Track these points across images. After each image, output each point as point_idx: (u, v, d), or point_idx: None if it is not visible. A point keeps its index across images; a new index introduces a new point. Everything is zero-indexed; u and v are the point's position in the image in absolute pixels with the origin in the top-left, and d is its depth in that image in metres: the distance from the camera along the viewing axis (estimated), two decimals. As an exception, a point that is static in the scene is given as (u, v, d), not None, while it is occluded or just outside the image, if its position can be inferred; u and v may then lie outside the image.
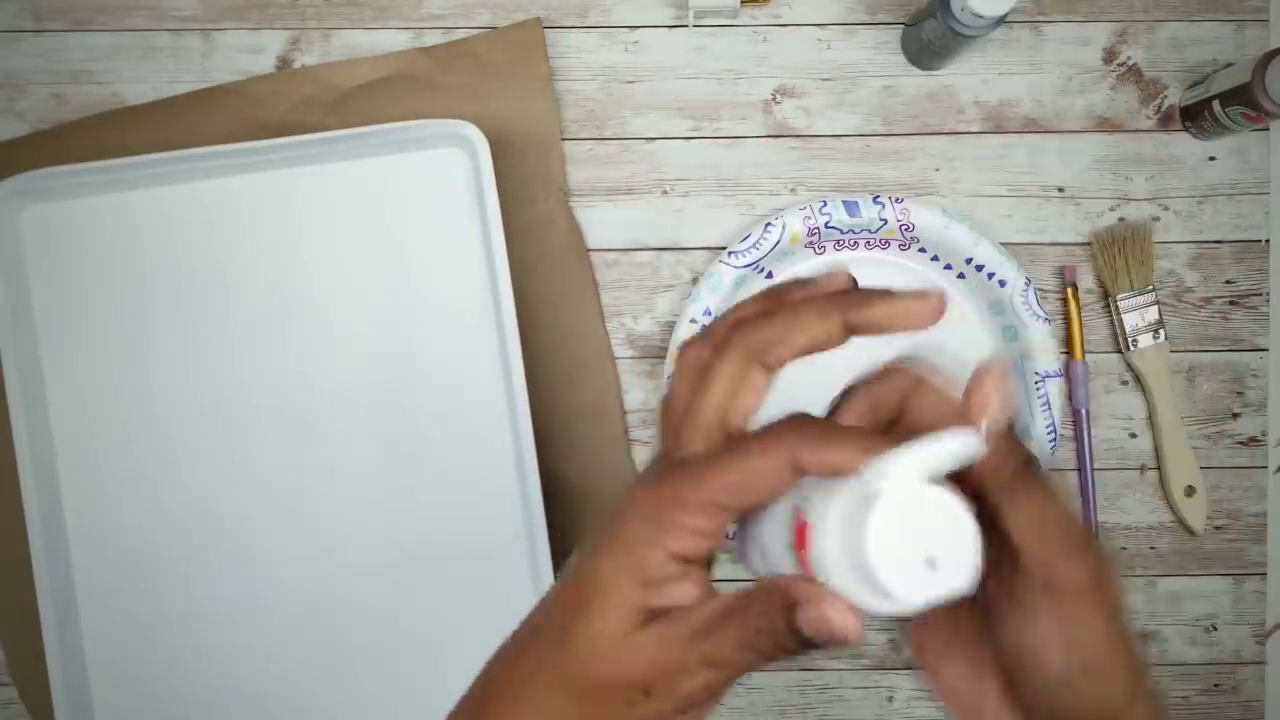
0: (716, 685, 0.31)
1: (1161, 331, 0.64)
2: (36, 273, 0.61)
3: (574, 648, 0.32)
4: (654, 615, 0.31)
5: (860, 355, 0.40)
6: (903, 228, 0.61)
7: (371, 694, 0.61)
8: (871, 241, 0.63)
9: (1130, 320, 0.64)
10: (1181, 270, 0.65)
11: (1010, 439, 0.30)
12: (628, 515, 0.32)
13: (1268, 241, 0.65)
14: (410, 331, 0.61)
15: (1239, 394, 0.65)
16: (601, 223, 0.64)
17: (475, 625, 0.60)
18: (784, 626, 0.29)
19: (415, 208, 0.61)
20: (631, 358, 0.65)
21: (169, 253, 0.61)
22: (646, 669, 0.31)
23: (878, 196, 0.61)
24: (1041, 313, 0.62)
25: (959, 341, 0.64)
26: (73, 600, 0.59)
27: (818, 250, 0.63)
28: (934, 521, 0.25)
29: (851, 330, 0.31)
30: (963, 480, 0.30)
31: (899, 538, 0.24)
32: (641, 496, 0.32)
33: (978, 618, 0.34)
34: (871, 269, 0.64)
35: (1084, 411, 0.64)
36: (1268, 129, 0.65)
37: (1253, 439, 0.65)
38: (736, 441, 0.32)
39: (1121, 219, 0.65)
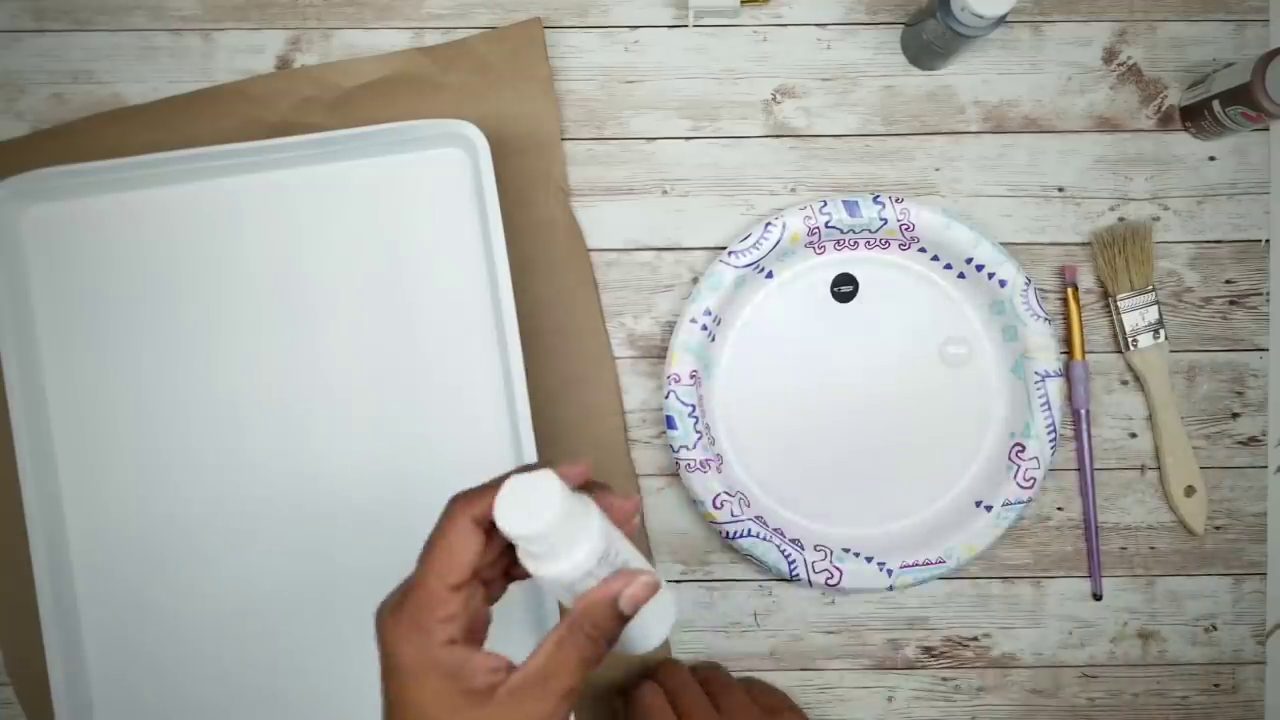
0: (572, 705, 0.39)
1: (1161, 331, 0.64)
2: (36, 273, 0.61)
3: None
4: (482, 694, 0.37)
5: (859, 354, 0.40)
6: (903, 227, 0.61)
7: (372, 693, 0.61)
8: (871, 241, 0.63)
9: (1130, 320, 0.64)
10: (1181, 270, 0.65)
11: None
12: (399, 651, 0.38)
13: (1268, 241, 0.65)
14: (410, 331, 0.61)
15: (1239, 394, 0.65)
16: (601, 223, 0.64)
17: (475, 625, 0.60)
18: (612, 618, 0.39)
19: (415, 208, 0.61)
20: (631, 358, 0.65)
21: (169, 253, 0.61)
22: None
23: (878, 196, 0.61)
24: (1041, 313, 0.62)
25: (959, 342, 0.64)
26: (73, 600, 0.59)
27: (818, 250, 0.63)
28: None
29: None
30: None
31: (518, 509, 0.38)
32: (394, 626, 0.39)
33: None
34: (872, 269, 0.64)
35: (1084, 411, 0.64)
36: (1268, 129, 0.65)
37: (1253, 439, 0.65)
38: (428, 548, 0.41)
39: (1121, 219, 0.65)
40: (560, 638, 0.39)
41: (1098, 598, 0.65)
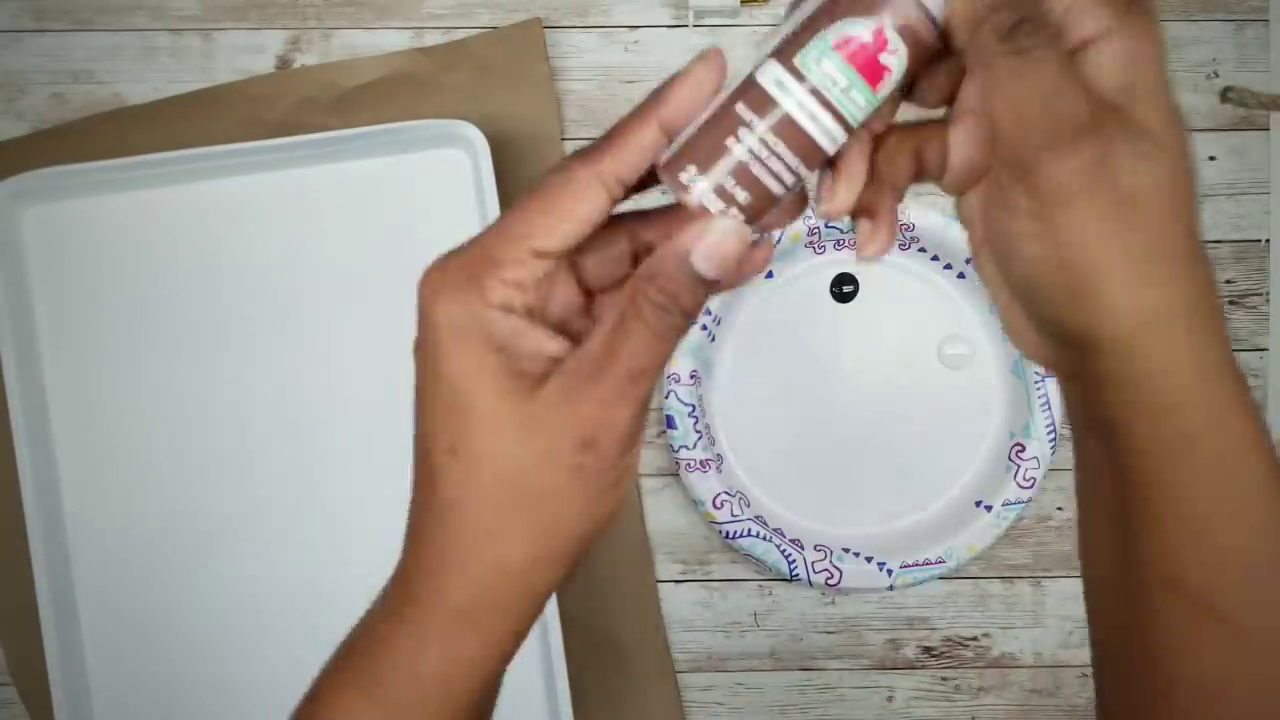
0: (645, 399, 0.28)
1: (1161, 331, 0.64)
2: (36, 273, 0.61)
3: (479, 457, 0.28)
4: (533, 380, 0.28)
5: (859, 354, 0.40)
6: (903, 227, 0.61)
7: (371, 694, 0.61)
8: (871, 241, 0.63)
9: (1130, 320, 0.64)
10: (1181, 270, 0.65)
11: None
12: (442, 312, 0.29)
13: (1268, 241, 0.65)
14: (410, 331, 0.61)
15: (1239, 394, 0.65)
16: (601, 223, 0.64)
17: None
18: (687, 282, 0.27)
19: (415, 208, 0.61)
20: (631, 358, 0.64)
21: (169, 253, 0.61)
22: (572, 425, 0.27)
23: (878, 196, 0.61)
24: (1041, 313, 0.62)
25: (959, 342, 0.64)
26: (73, 600, 0.59)
27: (818, 250, 0.63)
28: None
29: (667, 129, 0.28)
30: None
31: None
32: (440, 284, 0.29)
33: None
34: (872, 269, 0.64)
35: (1084, 411, 0.64)
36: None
37: (1253, 439, 0.65)
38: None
39: (1121, 219, 0.65)
40: (623, 309, 0.28)
41: (1098, 598, 0.65)
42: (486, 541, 0.29)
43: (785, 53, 0.27)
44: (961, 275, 0.63)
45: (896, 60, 0.27)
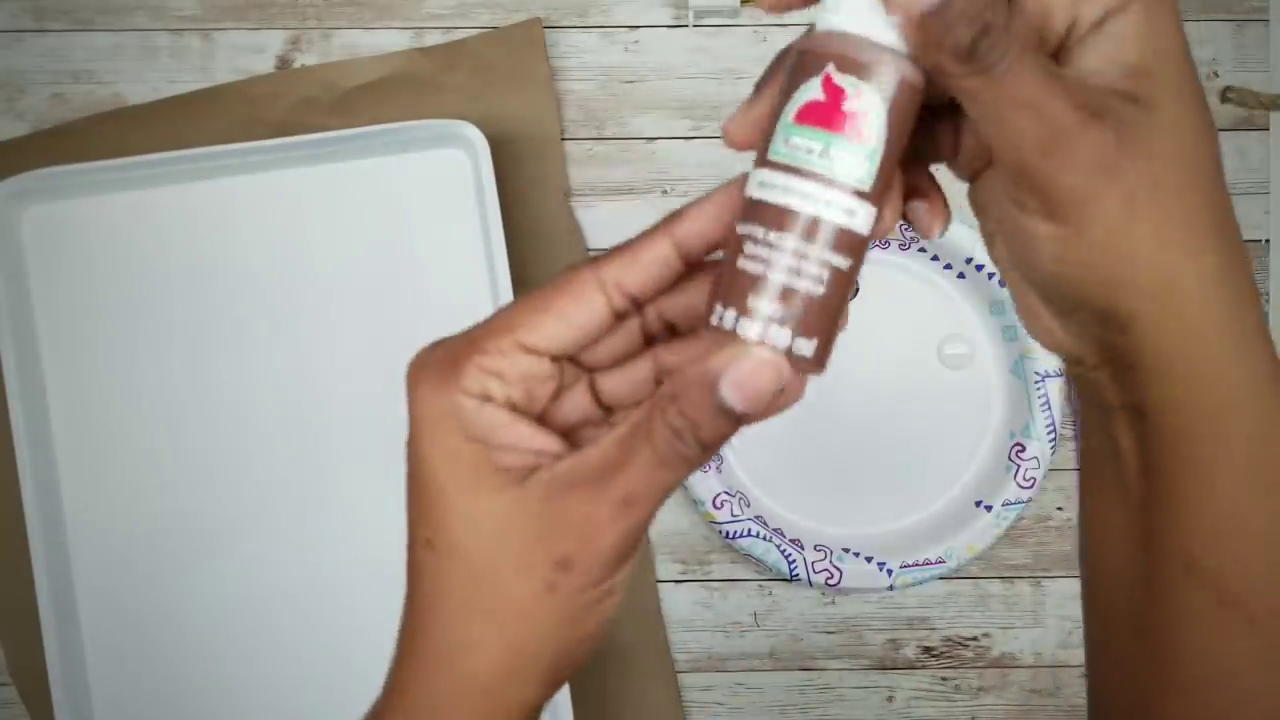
0: (638, 528, 0.26)
1: (1161, 331, 0.64)
2: (36, 273, 0.61)
3: (452, 554, 0.27)
4: (513, 478, 0.26)
5: (859, 354, 0.40)
6: (903, 227, 0.61)
7: (372, 693, 0.61)
8: (871, 241, 0.63)
9: (1130, 320, 0.64)
10: (1181, 270, 0.65)
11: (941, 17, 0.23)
12: (422, 397, 0.28)
13: (1268, 241, 0.65)
14: (410, 332, 0.61)
15: (1239, 394, 0.65)
16: (601, 223, 0.64)
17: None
18: (710, 411, 0.24)
19: (415, 208, 0.61)
20: (631, 358, 0.64)
21: (169, 253, 0.61)
22: (550, 539, 0.26)
23: (878, 196, 0.61)
24: (1041, 313, 0.62)
25: (959, 342, 0.64)
26: (73, 600, 0.59)
27: (818, 250, 0.63)
28: None
29: (681, 246, 0.27)
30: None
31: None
32: (423, 370, 0.28)
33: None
34: (870, 269, 0.64)
35: (1084, 411, 0.64)
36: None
37: (1253, 439, 0.65)
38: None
39: (1121, 219, 0.65)
40: (635, 423, 0.25)
41: (1098, 598, 0.65)
42: (459, 652, 0.28)
43: (760, 153, 0.26)
44: (961, 275, 0.63)
45: (865, 101, 0.24)
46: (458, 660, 0.28)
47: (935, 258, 0.63)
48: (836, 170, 0.24)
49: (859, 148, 0.24)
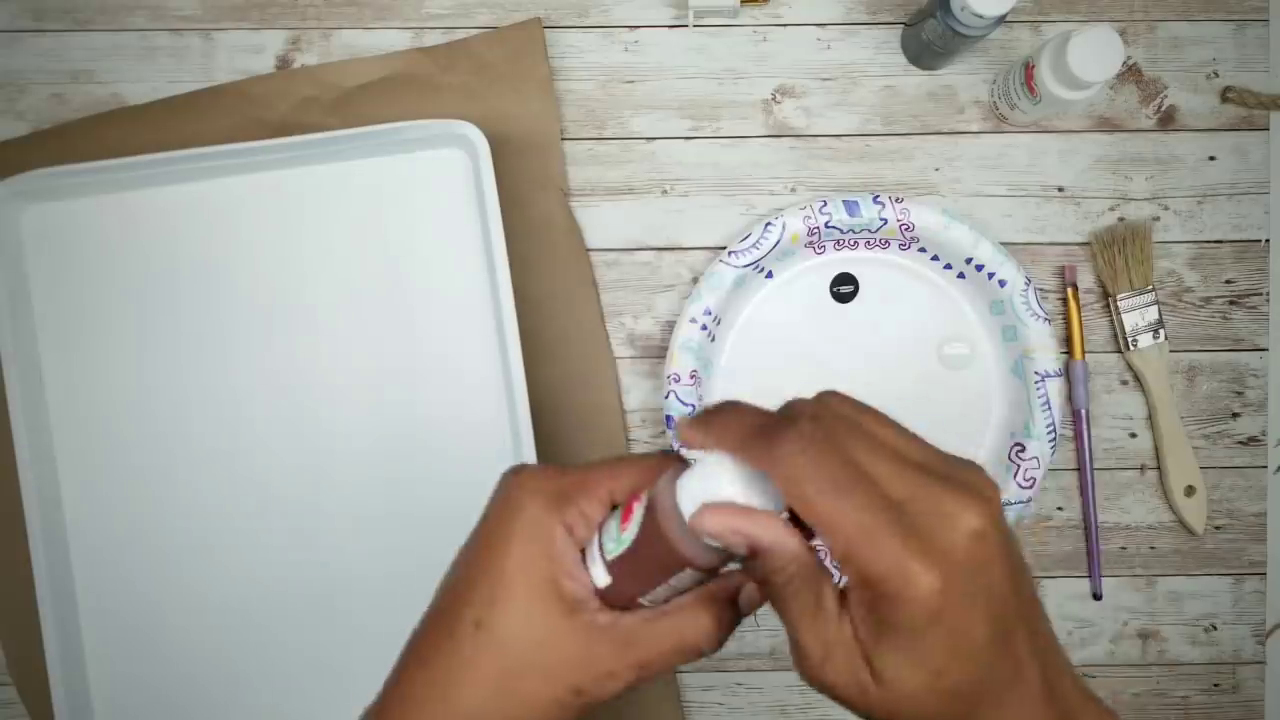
0: (642, 684, 0.32)
1: (1161, 331, 0.64)
2: (36, 273, 0.61)
3: (495, 643, 0.31)
4: (574, 605, 0.31)
5: (859, 354, 0.40)
6: (903, 227, 0.61)
7: (371, 693, 0.61)
8: (871, 241, 0.63)
9: (1130, 320, 0.64)
10: (1181, 270, 0.65)
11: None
12: (526, 501, 0.32)
13: (1268, 241, 0.65)
14: (410, 332, 0.61)
15: (1239, 394, 0.65)
16: (601, 223, 0.64)
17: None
18: (729, 619, 0.32)
19: (415, 208, 0.61)
20: (631, 358, 0.65)
21: (169, 253, 0.61)
22: (576, 669, 0.31)
23: (878, 196, 0.61)
24: (1041, 312, 0.62)
25: (959, 342, 0.64)
26: (73, 600, 0.59)
27: (818, 250, 0.63)
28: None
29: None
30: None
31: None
32: (536, 483, 0.33)
33: None
34: (871, 269, 0.64)
35: (1084, 411, 0.64)
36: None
37: (1253, 439, 0.65)
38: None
39: (1121, 219, 0.65)
40: (666, 613, 0.32)
41: (1098, 597, 0.65)
42: (468, 717, 0.32)
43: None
44: (961, 275, 0.63)
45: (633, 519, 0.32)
46: None
47: (935, 258, 0.63)
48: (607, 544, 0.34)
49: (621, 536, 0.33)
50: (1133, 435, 0.65)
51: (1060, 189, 0.65)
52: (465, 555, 0.34)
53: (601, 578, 0.32)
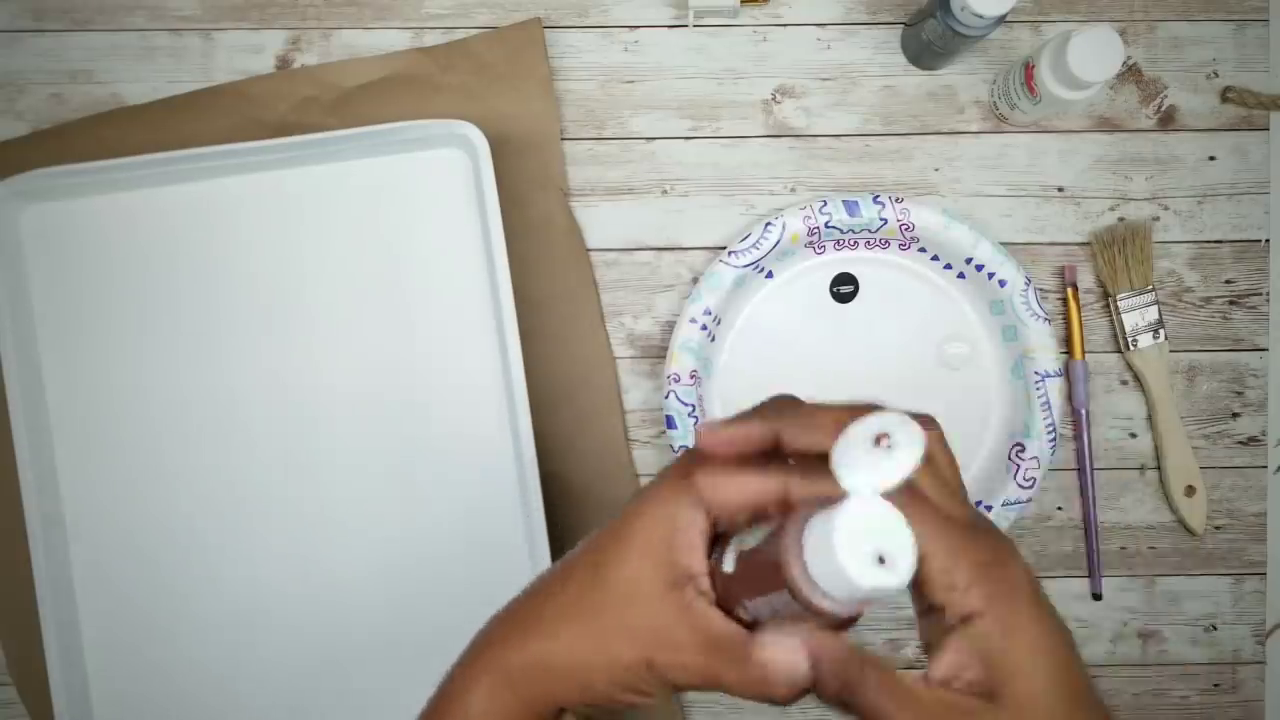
0: (689, 689, 0.32)
1: (1161, 331, 0.64)
2: (36, 273, 0.61)
3: (600, 586, 0.33)
4: (678, 579, 0.32)
5: (859, 354, 0.40)
6: (903, 227, 0.61)
7: (370, 694, 0.61)
8: (871, 241, 0.63)
9: (1130, 320, 0.64)
10: (1181, 270, 0.65)
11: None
12: (661, 478, 0.33)
13: (1268, 241, 0.65)
14: (409, 332, 0.61)
15: (1239, 394, 0.65)
16: (601, 223, 0.64)
17: (473, 627, 0.60)
18: (783, 695, 0.31)
19: (415, 208, 0.61)
20: (631, 358, 0.64)
21: (169, 253, 0.61)
22: (653, 640, 0.32)
23: (878, 196, 0.61)
24: (1041, 312, 0.62)
25: (959, 342, 0.64)
26: (73, 600, 0.59)
27: (818, 250, 0.63)
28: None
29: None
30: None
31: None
32: (674, 467, 0.33)
33: None
34: (871, 269, 0.64)
35: (1084, 411, 0.64)
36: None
37: (1253, 439, 0.65)
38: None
39: (1121, 219, 0.65)
40: (781, 640, 0.31)
41: (1098, 597, 0.65)
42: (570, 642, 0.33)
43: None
44: (961, 275, 0.63)
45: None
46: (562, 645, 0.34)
47: (935, 258, 0.63)
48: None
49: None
50: (1133, 435, 0.65)
51: (1060, 189, 0.65)
52: (609, 520, 0.35)
53: (729, 564, 0.32)
